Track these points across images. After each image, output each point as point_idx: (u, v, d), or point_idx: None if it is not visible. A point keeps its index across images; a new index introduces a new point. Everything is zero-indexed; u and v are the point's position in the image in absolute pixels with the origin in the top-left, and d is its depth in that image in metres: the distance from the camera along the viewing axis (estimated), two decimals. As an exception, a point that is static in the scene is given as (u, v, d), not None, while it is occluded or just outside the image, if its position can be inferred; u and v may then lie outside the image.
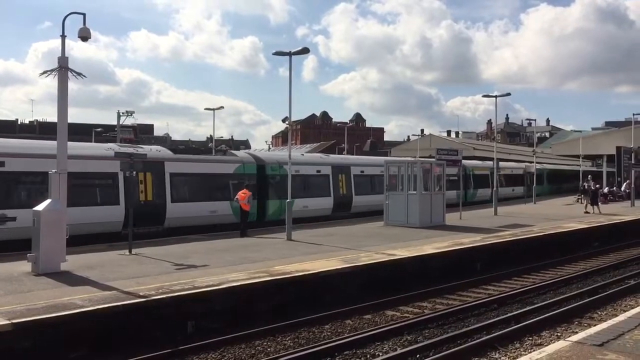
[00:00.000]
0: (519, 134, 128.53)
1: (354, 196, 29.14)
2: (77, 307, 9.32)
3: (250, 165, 24.76)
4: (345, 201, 28.66)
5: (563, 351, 6.93)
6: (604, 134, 57.33)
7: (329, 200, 27.75)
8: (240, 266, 13.20)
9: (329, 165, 28.61)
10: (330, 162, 29.06)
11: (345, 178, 28.88)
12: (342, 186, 28.68)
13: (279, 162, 25.87)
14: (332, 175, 28.28)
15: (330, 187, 27.98)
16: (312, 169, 27.59)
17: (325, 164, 28.56)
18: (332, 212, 27.86)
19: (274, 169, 25.50)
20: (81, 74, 12.95)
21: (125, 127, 58.84)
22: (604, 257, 19.47)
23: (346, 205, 28.62)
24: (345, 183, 28.82)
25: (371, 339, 9.73)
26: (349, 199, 28.85)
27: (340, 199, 28.36)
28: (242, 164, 24.55)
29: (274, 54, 19.58)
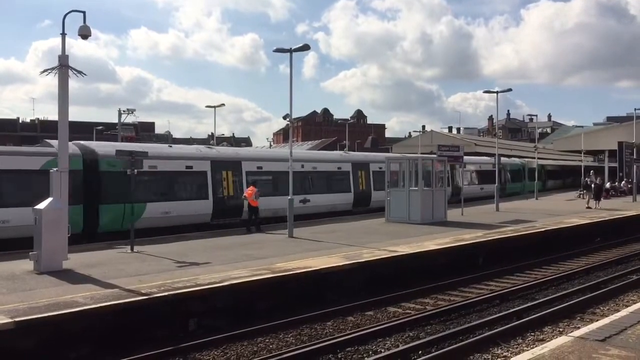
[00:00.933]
0: (521, 129, 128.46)
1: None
2: (79, 305, 9.32)
3: (76, 160, 18.16)
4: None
5: (565, 347, 6.93)
6: (606, 129, 57.30)
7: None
8: (242, 263, 13.20)
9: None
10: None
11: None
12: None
13: None
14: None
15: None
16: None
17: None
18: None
19: (112, 165, 18.89)
20: (82, 72, 12.95)
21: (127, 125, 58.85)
22: (606, 253, 19.45)
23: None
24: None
25: (373, 335, 9.73)
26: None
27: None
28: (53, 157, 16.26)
29: (274, 50, 19.53)
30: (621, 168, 43.02)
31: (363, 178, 29.40)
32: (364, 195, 29.29)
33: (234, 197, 22.80)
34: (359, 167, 29.34)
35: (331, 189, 27.58)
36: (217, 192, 22.54)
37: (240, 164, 23.76)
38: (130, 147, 20.01)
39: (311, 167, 26.87)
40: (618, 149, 42.55)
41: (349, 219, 24.95)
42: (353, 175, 28.94)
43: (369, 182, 29.68)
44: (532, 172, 46.43)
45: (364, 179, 29.45)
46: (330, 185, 27.66)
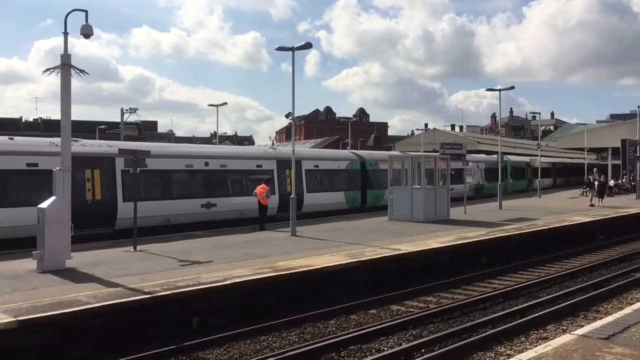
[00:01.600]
0: (524, 127, 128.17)
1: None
2: (82, 304, 9.33)
3: None
4: None
5: (569, 345, 6.91)
6: (609, 126, 57.15)
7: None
8: (245, 262, 13.20)
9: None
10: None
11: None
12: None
13: None
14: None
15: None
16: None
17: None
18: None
19: None
20: (84, 71, 12.94)
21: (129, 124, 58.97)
22: (609, 250, 19.42)
23: None
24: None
25: (376, 333, 9.73)
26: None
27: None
28: None
29: (276, 49, 19.53)
30: (624, 166, 42.92)
31: (291, 178, 24.14)
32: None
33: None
34: (286, 166, 24.34)
35: (244, 191, 23.00)
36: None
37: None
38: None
39: (218, 165, 22.84)
40: (621, 146, 42.45)
41: (353, 217, 24.92)
42: (278, 174, 24.75)
43: (301, 183, 25.50)
44: (516, 171, 45.34)
45: (293, 179, 23.62)
46: (244, 187, 23.23)
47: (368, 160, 30.43)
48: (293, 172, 21.26)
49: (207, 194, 22.00)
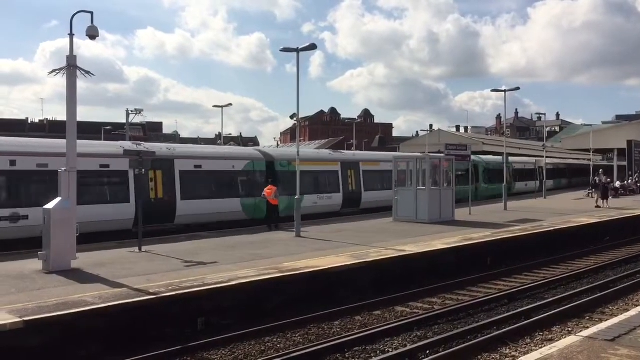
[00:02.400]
0: (529, 128, 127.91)
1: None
2: (87, 304, 9.36)
3: None
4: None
5: (574, 346, 6.89)
6: (615, 127, 56.97)
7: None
8: (250, 263, 13.21)
9: None
10: None
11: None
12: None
13: None
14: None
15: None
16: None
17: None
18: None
19: None
20: (90, 73, 13.00)
21: (135, 125, 59.12)
22: (615, 252, 19.34)
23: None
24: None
25: (381, 335, 9.72)
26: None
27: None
28: None
29: (281, 50, 19.55)
30: (630, 167, 42.77)
31: (161, 182, 20.53)
32: (157, 207, 19.93)
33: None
34: (160, 166, 20.13)
35: (93, 198, 18.39)
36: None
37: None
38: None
39: None
40: (627, 147, 42.32)
41: (357, 218, 24.92)
42: (135, 179, 19.07)
43: (173, 188, 20.79)
44: (492, 173, 39.53)
45: (163, 184, 20.57)
46: (93, 193, 18.71)
47: (278, 160, 25.07)
48: None
49: None
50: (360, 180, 28.70)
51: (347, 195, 27.84)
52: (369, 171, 29.30)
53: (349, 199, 27.99)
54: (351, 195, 28.56)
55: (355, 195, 28.38)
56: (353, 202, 28.32)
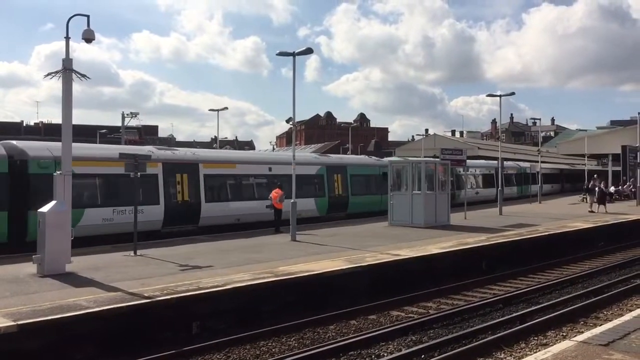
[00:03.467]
0: (524, 133, 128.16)
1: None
2: (82, 308, 9.34)
3: None
4: None
5: (568, 351, 6.91)
6: (610, 132, 57.11)
7: None
8: (245, 267, 13.20)
9: None
10: None
11: None
12: None
13: None
14: None
15: None
16: None
17: None
18: None
19: None
20: (85, 76, 13.00)
21: (130, 128, 59.06)
22: (609, 257, 19.41)
23: None
24: None
25: (376, 339, 9.72)
26: None
27: None
28: None
29: (277, 54, 19.60)
30: (625, 172, 42.93)
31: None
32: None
33: None
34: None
35: None
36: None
37: None
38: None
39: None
40: (622, 152, 42.46)
41: (353, 222, 24.92)
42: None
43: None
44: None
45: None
46: None
47: None
48: None
49: None
50: None
51: None
52: None
53: None
54: None
55: None
56: None
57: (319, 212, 26.49)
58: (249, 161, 25.21)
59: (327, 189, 27.05)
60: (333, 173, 27.68)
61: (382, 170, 29.44)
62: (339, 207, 27.78)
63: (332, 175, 27.57)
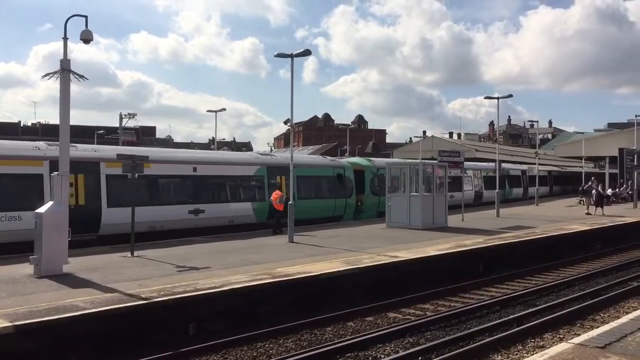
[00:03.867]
0: (522, 135, 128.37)
1: None
2: (79, 309, 9.32)
3: None
4: None
5: (565, 353, 6.91)
6: (606, 135, 57.31)
7: None
8: (243, 268, 13.20)
9: None
10: None
11: None
12: None
13: None
14: None
15: None
16: None
17: None
18: None
19: None
20: (83, 77, 13.00)
21: (128, 129, 59.03)
22: (606, 259, 19.44)
23: None
24: None
25: (373, 341, 9.72)
26: None
27: None
28: None
29: (275, 55, 19.60)
30: (622, 174, 43.02)
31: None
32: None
33: None
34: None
35: None
36: None
37: None
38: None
39: None
40: (619, 155, 42.56)
41: (350, 223, 24.92)
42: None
43: None
44: None
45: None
46: None
47: None
48: None
49: None
50: None
51: None
52: None
53: None
54: None
55: None
56: None
57: (257, 218, 23.37)
58: (168, 160, 21.71)
59: (269, 193, 23.49)
60: (276, 174, 24.65)
61: (337, 172, 27.76)
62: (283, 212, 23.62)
63: (274, 177, 24.59)
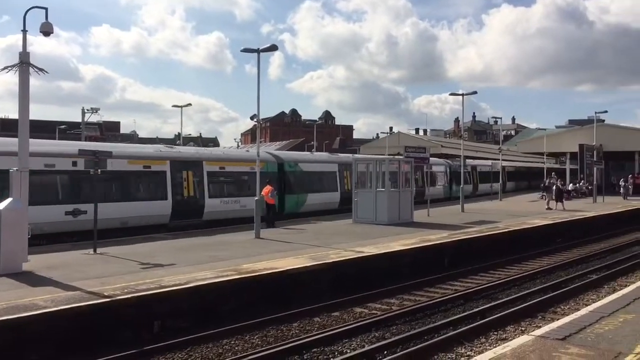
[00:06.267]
0: (486, 132, 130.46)
1: None
2: (39, 308, 9.11)
3: None
4: None
5: (526, 345, 7.05)
6: (567, 131, 58.51)
7: None
8: (208, 265, 13.08)
9: None
10: None
11: None
12: None
13: None
14: None
15: None
16: None
17: None
18: None
19: None
20: (43, 70, 12.71)
21: (91, 124, 57.84)
22: (567, 253, 19.88)
23: None
24: None
25: (339, 336, 9.75)
26: None
27: None
28: None
29: (242, 50, 19.47)
30: (582, 170, 44.04)
31: None
32: None
33: None
34: None
35: None
36: None
37: None
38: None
39: None
40: (579, 151, 43.54)
41: (318, 219, 24.95)
42: None
43: None
44: None
45: None
46: None
47: None
48: None
49: None
50: None
51: None
52: None
53: None
54: None
55: None
56: None
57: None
58: None
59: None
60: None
61: None
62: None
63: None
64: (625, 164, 47.81)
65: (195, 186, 23.07)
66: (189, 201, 22.79)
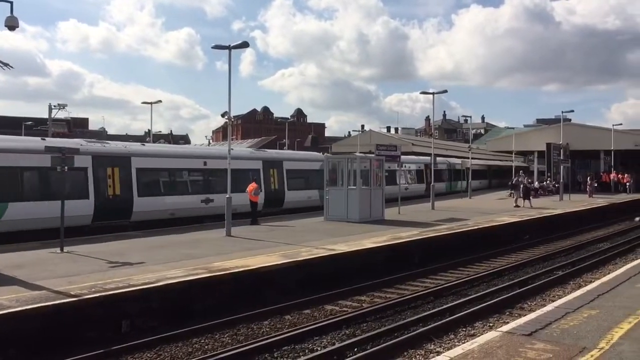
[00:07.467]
0: (456, 130, 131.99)
1: None
2: (3, 307, 8.92)
3: None
4: None
5: (494, 341, 7.16)
6: (535, 130, 59.52)
7: None
8: (179, 263, 12.97)
9: None
10: None
11: None
12: None
13: None
14: None
15: None
16: None
17: None
18: None
19: None
20: (8, 65, 12.47)
21: (58, 120, 56.78)
22: (534, 249, 20.25)
23: None
24: None
25: (310, 333, 9.77)
26: None
27: None
28: None
29: (213, 47, 19.30)
30: (549, 168, 44.85)
31: None
32: None
33: None
34: None
35: None
36: None
37: None
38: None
39: None
40: (546, 150, 44.31)
41: (289, 217, 24.92)
42: None
43: None
44: None
45: None
46: None
47: None
48: None
49: None
50: None
51: None
52: None
53: None
54: None
55: None
56: None
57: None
58: None
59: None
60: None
61: None
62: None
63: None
64: (590, 162, 48.89)
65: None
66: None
